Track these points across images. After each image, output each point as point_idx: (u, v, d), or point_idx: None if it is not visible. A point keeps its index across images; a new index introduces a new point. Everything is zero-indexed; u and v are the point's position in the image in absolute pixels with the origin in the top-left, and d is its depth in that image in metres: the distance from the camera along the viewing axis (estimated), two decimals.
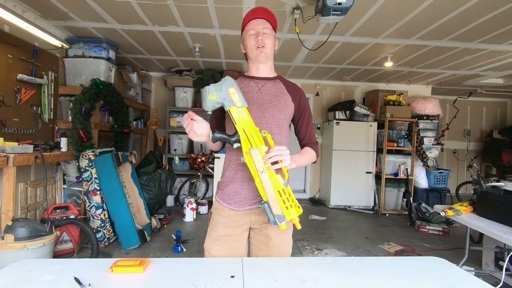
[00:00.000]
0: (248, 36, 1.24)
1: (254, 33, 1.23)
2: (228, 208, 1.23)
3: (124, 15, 2.96)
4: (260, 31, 1.22)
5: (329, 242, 3.39)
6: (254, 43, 1.22)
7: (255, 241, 1.27)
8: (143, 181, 3.59)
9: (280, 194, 1.03)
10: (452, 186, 5.54)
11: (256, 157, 1.03)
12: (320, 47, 3.28)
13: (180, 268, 0.97)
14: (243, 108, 1.07)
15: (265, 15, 1.24)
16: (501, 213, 2.04)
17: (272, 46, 1.25)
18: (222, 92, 1.06)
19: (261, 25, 1.22)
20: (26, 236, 2.12)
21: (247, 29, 1.24)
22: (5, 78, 2.64)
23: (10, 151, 2.34)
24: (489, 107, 6.82)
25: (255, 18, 1.23)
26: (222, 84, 1.07)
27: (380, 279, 0.94)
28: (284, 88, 1.28)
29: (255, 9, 1.27)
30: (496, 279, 2.47)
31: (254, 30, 1.23)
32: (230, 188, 1.23)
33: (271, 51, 1.25)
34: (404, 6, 2.60)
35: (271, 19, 1.26)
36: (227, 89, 1.06)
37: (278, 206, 1.02)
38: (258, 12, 1.25)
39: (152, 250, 2.98)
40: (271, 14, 1.26)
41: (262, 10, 1.25)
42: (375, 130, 5.01)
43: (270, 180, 1.03)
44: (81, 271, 0.92)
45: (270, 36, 1.24)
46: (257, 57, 1.24)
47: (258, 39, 1.21)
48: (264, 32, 1.22)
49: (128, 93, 4.41)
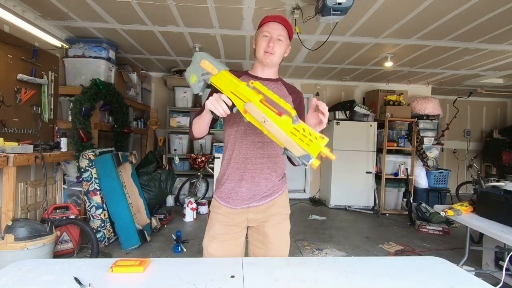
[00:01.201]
0: (262, 37, 1.23)
1: (268, 35, 1.22)
2: (226, 206, 1.24)
3: (124, 15, 2.96)
4: (274, 37, 1.21)
5: (329, 242, 3.39)
6: (264, 46, 1.22)
7: (253, 239, 1.28)
8: (143, 181, 3.59)
9: (294, 134, 0.93)
10: (452, 186, 5.54)
11: (253, 109, 0.98)
12: (320, 47, 3.28)
13: (180, 268, 0.97)
14: (221, 72, 1.05)
15: (285, 22, 1.24)
16: (501, 213, 2.04)
17: (280, 55, 1.25)
18: (198, 69, 1.07)
19: (277, 30, 1.21)
20: (26, 236, 2.12)
21: (263, 29, 1.23)
22: (5, 78, 2.64)
23: (10, 151, 2.34)
24: (489, 107, 6.82)
25: (275, 21, 1.22)
26: (194, 61, 1.08)
27: (380, 279, 0.94)
28: (286, 90, 1.29)
29: (276, 15, 1.28)
30: (496, 279, 2.47)
31: (269, 33, 1.21)
32: (227, 185, 1.24)
33: (278, 59, 1.26)
34: (404, 6, 2.60)
35: (289, 28, 1.25)
36: (199, 64, 1.06)
37: (297, 146, 0.92)
38: (279, 17, 1.24)
39: (152, 250, 2.98)
40: (290, 24, 1.27)
41: (282, 17, 1.26)
42: (375, 130, 5.01)
43: (277, 125, 0.95)
44: (81, 271, 0.92)
45: (282, 45, 1.23)
46: (262, 60, 1.24)
47: (270, 45, 1.20)
48: (279, 39, 1.22)
49: (128, 93, 4.41)
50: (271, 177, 1.24)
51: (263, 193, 1.22)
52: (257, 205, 1.22)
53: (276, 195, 1.25)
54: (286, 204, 1.30)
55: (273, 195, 1.25)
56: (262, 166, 1.22)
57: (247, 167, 1.21)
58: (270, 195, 1.24)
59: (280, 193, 1.27)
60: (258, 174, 1.22)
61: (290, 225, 1.32)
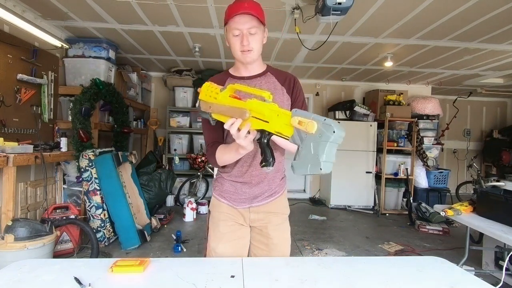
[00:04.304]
0: (232, 36, 1.10)
1: (238, 33, 1.08)
2: (227, 205, 1.22)
3: (124, 15, 2.96)
4: (245, 32, 1.07)
5: (329, 242, 3.39)
6: (238, 46, 1.10)
7: (255, 241, 1.26)
8: (143, 181, 3.59)
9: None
10: (452, 186, 5.54)
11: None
12: (320, 47, 3.28)
13: (180, 268, 0.97)
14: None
15: (251, 8, 1.06)
16: (501, 213, 2.04)
17: (259, 48, 1.13)
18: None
19: (247, 23, 1.06)
20: (26, 236, 2.12)
21: (231, 26, 1.08)
22: (5, 78, 2.63)
23: (10, 151, 2.34)
24: (489, 107, 6.82)
25: (240, 13, 1.06)
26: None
27: (380, 279, 0.94)
28: (277, 81, 1.19)
29: (238, 3, 1.07)
30: (496, 279, 2.47)
31: (239, 30, 1.08)
32: (228, 186, 1.22)
33: (258, 52, 1.13)
34: (404, 6, 2.60)
35: (258, 12, 1.08)
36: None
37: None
38: (243, 6, 1.06)
39: (152, 250, 2.98)
40: (257, 6, 1.09)
41: (247, 3, 1.07)
42: (375, 130, 5.01)
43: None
44: (81, 271, 0.92)
45: (257, 36, 1.10)
46: (241, 60, 1.14)
47: (244, 44, 1.08)
48: (251, 32, 1.08)
49: (128, 93, 4.41)
50: (273, 177, 1.23)
51: (265, 193, 1.21)
52: (259, 205, 1.21)
53: (277, 196, 1.25)
54: (286, 204, 1.30)
55: (274, 195, 1.24)
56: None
57: (249, 169, 1.18)
58: (272, 195, 1.23)
59: (281, 193, 1.27)
60: (261, 175, 1.19)
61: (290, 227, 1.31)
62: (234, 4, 1.09)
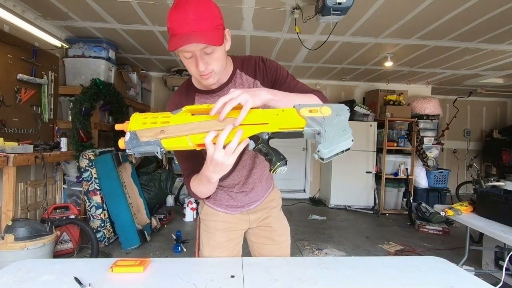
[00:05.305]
0: (183, 58, 0.86)
1: (190, 56, 0.84)
2: (223, 213, 1.19)
3: (124, 15, 2.96)
4: (198, 54, 0.83)
5: (329, 242, 3.39)
6: (194, 70, 0.87)
7: (256, 239, 1.25)
8: (143, 181, 3.59)
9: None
10: (452, 186, 5.54)
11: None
12: (320, 47, 3.28)
13: (180, 268, 0.97)
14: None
15: (197, 29, 0.78)
16: (501, 213, 2.04)
17: (222, 64, 0.90)
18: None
19: (198, 45, 0.80)
20: (26, 236, 2.12)
21: (179, 48, 0.80)
22: (5, 78, 2.63)
23: (10, 151, 2.34)
24: (489, 107, 6.82)
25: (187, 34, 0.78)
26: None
27: (380, 279, 0.94)
28: (249, 78, 1.03)
29: (181, 17, 0.78)
30: (496, 279, 2.47)
31: (190, 52, 0.83)
32: (221, 194, 1.17)
33: (221, 68, 0.91)
34: (404, 6, 2.60)
35: (209, 29, 0.80)
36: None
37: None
38: (185, 28, 0.78)
39: (152, 250, 2.99)
40: (206, 18, 0.79)
41: (192, 20, 0.77)
42: (375, 130, 5.01)
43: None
44: (81, 271, 0.92)
45: (216, 54, 0.85)
46: (202, 83, 0.96)
47: (200, 69, 0.85)
48: (206, 52, 0.83)
49: (128, 93, 4.41)
50: (266, 177, 1.21)
51: (260, 194, 1.21)
52: (256, 205, 1.21)
53: (269, 190, 1.25)
54: (279, 195, 1.31)
55: (269, 190, 1.25)
56: (261, 170, 1.17)
57: (242, 180, 1.14)
58: (266, 191, 1.24)
59: (272, 187, 1.27)
60: (255, 181, 1.16)
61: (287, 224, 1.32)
62: (174, 22, 0.79)
